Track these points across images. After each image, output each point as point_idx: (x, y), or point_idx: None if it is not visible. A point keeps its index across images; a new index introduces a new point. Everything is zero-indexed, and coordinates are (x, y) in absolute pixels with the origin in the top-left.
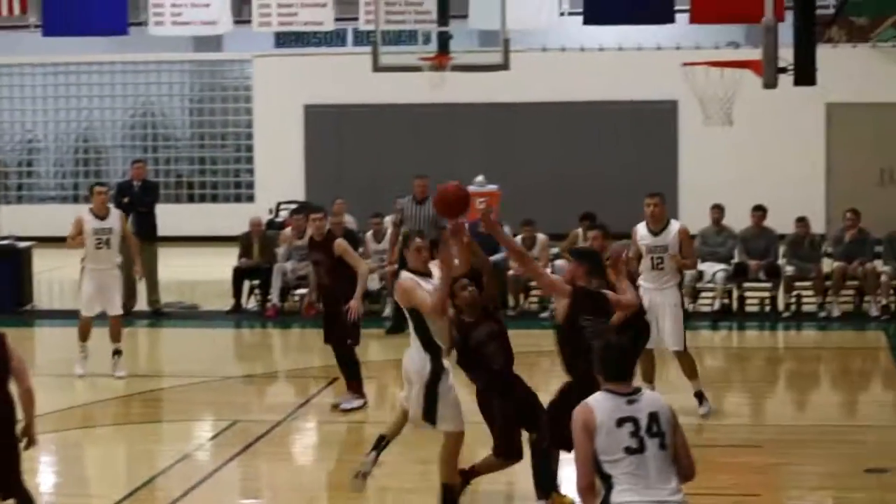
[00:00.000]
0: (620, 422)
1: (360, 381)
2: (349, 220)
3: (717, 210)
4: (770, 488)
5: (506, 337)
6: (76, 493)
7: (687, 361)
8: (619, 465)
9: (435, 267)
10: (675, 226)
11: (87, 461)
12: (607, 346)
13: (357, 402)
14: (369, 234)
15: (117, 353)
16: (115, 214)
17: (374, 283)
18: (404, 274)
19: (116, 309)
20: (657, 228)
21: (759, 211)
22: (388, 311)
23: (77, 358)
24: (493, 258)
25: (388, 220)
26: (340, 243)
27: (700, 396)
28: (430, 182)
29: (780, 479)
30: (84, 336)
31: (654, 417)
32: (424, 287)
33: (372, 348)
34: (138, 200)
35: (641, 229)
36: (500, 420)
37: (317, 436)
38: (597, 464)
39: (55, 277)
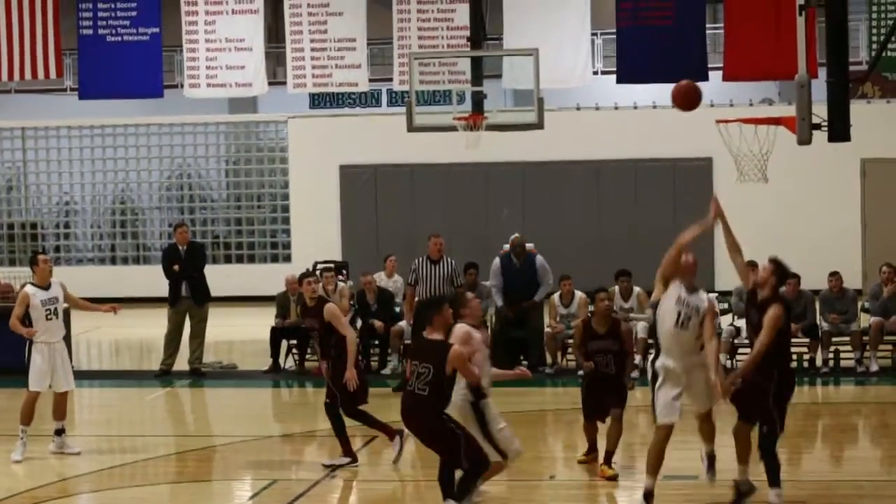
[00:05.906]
0: None
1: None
2: (384, 278)
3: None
4: None
5: None
6: None
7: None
8: None
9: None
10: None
11: None
12: None
13: (343, 460)
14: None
15: (61, 432)
16: (56, 283)
17: None
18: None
19: (68, 384)
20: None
21: (793, 278)
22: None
23: (17, 444)
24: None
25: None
26: (330, 309)
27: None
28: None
29: None
30: (28, 418)
31: None
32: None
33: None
34: (189, 266)
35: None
36: None
37: (356, 494)
38: None
39: (93, 338)
